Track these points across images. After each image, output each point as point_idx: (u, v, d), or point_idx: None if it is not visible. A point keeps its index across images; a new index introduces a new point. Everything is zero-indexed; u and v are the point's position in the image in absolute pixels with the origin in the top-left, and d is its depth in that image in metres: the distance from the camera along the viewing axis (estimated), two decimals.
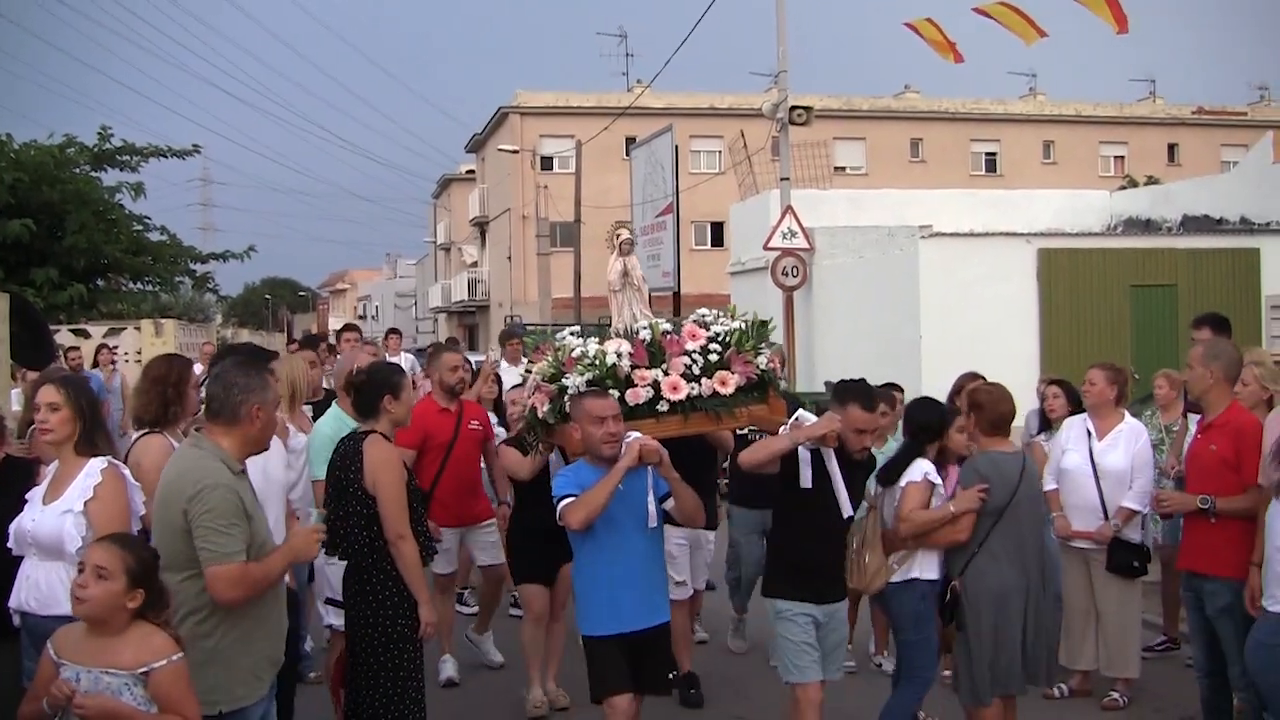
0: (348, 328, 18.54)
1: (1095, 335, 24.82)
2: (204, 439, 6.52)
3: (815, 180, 37.87)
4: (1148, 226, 32.53)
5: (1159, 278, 25.83)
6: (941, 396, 10.70)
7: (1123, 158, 72.24)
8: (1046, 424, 12.15)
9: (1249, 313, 25.08)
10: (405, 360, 21.11)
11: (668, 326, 9.40)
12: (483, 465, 12.04)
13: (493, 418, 12.79)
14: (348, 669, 8.21)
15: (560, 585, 10.75)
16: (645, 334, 9.28)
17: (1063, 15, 23.26)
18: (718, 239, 60.28)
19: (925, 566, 8.86)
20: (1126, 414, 11.09)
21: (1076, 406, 11.52)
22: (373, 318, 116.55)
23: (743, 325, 9.35)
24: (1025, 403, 10.31)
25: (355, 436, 8.35)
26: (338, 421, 9.85)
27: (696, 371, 9.07)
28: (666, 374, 9.01)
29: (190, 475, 6.29)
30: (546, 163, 66.69)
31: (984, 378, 10.94)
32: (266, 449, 7.15)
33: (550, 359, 9.31)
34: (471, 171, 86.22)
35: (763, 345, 9.34)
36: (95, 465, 6.87)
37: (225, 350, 12.78)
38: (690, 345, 9.15)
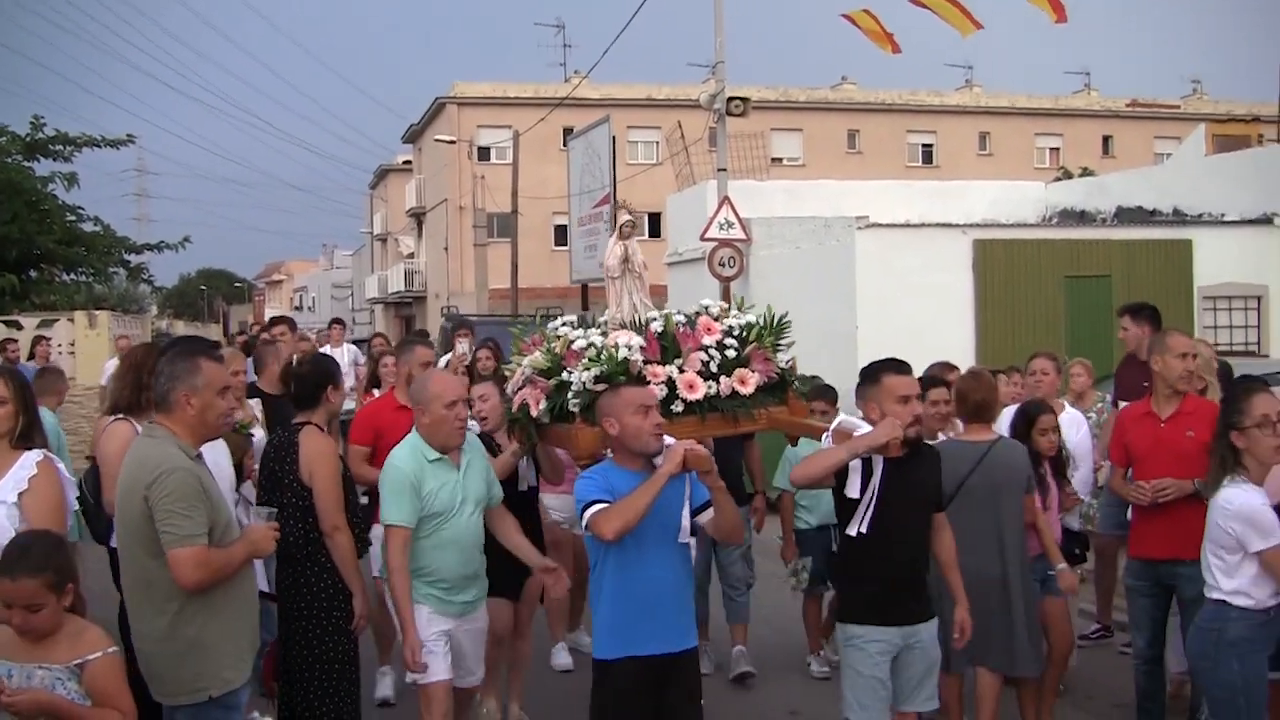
0: (277, 320, 18.14)
1: (1030, 326, 24.97)
2: (157, 428, 6.54)
3: (752, 171, 37.97)
4: (1082, 218, 32.76)
5: (1093, 269, 26.00)
6: None
7: (1058, 149, 72.70)
8: None
9: (1181, 303, 25.39)
10: (348, 351, 21.03)
11: (681, 318, 8.63)
12: None
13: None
14: (280, 661, 8.20)
15: (526, 600, 9.95)
16: (657, 325, 8.54)
17: (999, 7, 23.39)
18: (655, 230, 60.16)
19: None
20: (1066, 403, 11.16)
21: None
22: (309, 309, 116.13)
23: (756, 320, 8.73)
24: None
25: (290, 428, 8.33)
26: (414, 454, 7.90)
27: (714, 369, 8.39)
28: (682, 371, 8.30)
29: (149, 462, 6.32)
30: (484, 153, 66.46)
31: (956, 367, 10.99)
32: (218, 435, 7.20)
33: (544, 351, 8.58)
34: (408, 162, 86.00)
35: (780, 342, 8.75)
36: (30, 458, 6.81)
37: (167, 343, 12.66)
38: (707, 340, 8.47)
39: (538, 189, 55.69)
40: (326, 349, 20.40)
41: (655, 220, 58.43)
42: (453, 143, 62.44)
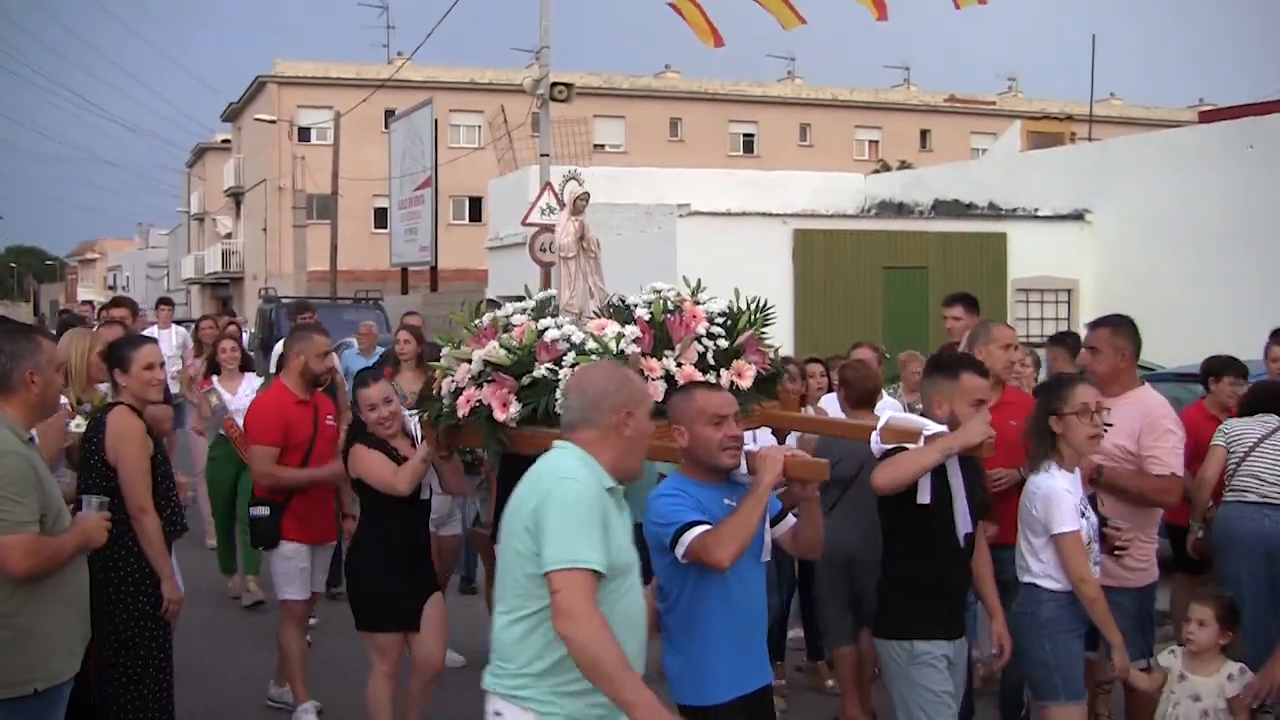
0: (118, 302, 17.31)
1: (848, 315, 25.23)
2: None
3: (575, 157, 37.98)
4: (900, 210, 33.23)
5: (911, 260, 26.40)
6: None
7: (877, 142, 73.62)
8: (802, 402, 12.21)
9: (996, 295, 25.85)
10: (176, 334, 20.20)
11: (671, 305, 7.59)
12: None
13: None
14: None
15: (430, 630, 8.53)
16: (642, 311, 7.55)
17: (822, 1, 23.56)
18: (476, 214, 60.10)
19: None
20: (884, 391, 11.25)
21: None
22: (123, 288, 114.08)
23: (731, 305, 7.82)
24: None
25: (105, 409, 8.11)
26: (596, 474, 5.27)
27: (712, 361, 7.41)
28: (679, 365, 7.22)
29: None
30: (304, 134, 65.74)
31: (880, 349, 11.01)
32: (53, 414, 6.99)
33: (505, 343, 7.40)
34: (227, 141, 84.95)
35: (764, 331, 7.82)
36: None
37: None
38: (700, 328, 7.45)
39: (358, 171, 55.21)
40: (152, 330, 19.51)
41: (476, 204, 58.43)
42: (273, 122, 61.63)
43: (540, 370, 7.14)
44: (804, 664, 11.02)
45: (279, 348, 15.28)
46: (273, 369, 13.18)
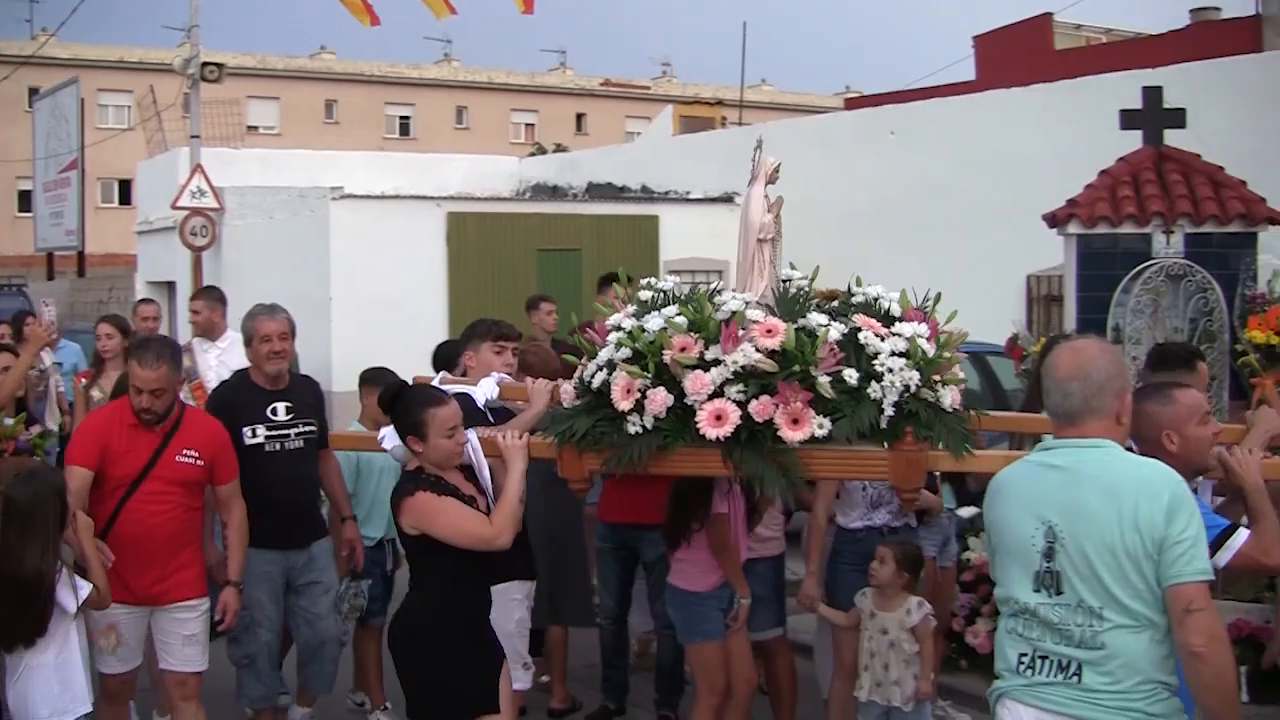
0: None
1: (502, 298, 25.34)
2: None
3: (227, 139, 37.40)
4: (555, 193, 33.50)
5: (565, 242, 26.67)
6: (350, 361, 10.67)
7: (533, 125, 73.92)
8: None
9: (649, 276, 26.27)
10: None
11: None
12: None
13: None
14: None
15: (506, 709, 6.86)
16: (886, 304, 6.56)
17: None
18: (125, 197, 58.67)
19: None
20: None
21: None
22: None
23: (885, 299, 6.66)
24: (422, 368, 10.24)
25: None
26: None
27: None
28: None
29: None
30: None
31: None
32: None
33: (762, 348, 6.10)
34: None
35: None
36: None
37: None
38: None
39: (0, 152, 53.48)
40: None
41: (126, 187, 57.07)
42: None
43: (841, 378, 6.10)
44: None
45: None
46: None
